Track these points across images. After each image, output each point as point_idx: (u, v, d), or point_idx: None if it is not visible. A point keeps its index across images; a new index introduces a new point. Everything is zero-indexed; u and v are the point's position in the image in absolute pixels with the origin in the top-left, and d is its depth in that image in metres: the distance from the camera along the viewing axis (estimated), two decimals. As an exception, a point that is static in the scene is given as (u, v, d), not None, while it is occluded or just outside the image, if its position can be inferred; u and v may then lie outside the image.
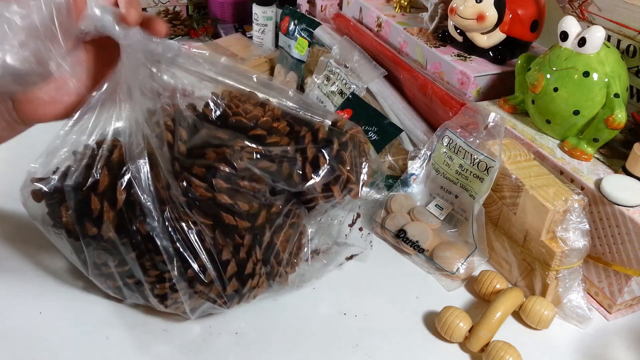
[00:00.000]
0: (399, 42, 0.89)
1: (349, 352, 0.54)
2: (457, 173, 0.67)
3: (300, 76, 0.95)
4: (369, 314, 0.58)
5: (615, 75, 0.61)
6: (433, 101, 0.76)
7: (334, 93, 0.83)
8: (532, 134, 0.69)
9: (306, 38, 0.94)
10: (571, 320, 0.59)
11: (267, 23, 1.11)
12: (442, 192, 0.70)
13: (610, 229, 0.58)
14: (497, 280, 0.60)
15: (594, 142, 0.64)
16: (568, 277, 0.58)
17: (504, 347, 0.52)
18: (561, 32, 0.64)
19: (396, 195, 0.72)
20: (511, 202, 0.61)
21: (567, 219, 0.56)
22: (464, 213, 0.68)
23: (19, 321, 0.54)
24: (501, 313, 0.55)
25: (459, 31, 0.79)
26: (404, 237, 0.66)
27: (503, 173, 0.61)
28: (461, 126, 0.68)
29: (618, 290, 0.59)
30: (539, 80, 0.65)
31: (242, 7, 1.26)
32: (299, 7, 1.12)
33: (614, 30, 0.68)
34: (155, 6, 1.24)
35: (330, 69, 0.85)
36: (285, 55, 0.99)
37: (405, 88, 0.82)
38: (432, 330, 0.57)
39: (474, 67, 0.76)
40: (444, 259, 0.63)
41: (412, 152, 0.75)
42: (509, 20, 0.75)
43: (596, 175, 0.61)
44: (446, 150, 0.68)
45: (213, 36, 1.21)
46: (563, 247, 0.56)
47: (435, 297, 0.61)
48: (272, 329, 0.55)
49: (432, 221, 0.69)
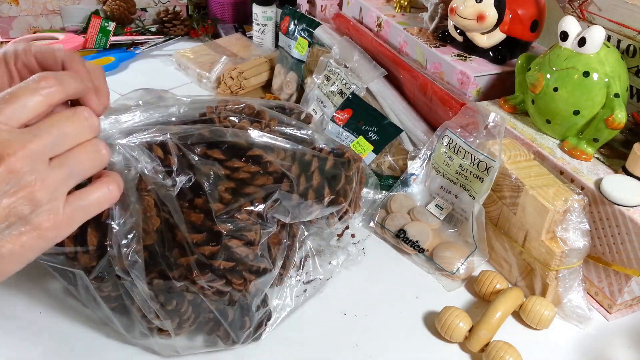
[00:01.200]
0: (399, 42, 0.89)
1: (349, 352, 0.54)
2: (457, 173, 0.67)
3: (300, 76, 0.95)
4: (369, 314, 0.58)
5: (615, 75, 0.61)
6: (433, 101, 0.76)
7: (334, 93, 0.83)
8: (532, 134, 0.69)
9: (306, 38, 0.94)
10: (571, 320, 0.59)
11: (267, 23, 1.11)
12: (442, 192, 0.70)
13: (610, 229, 0.58)
14: (497, 280, 0.60)
15: (594, 142, 0.64)
16: (568, 277, 0.58)
17: (504, 347, 0.52)
18: (561, 32, 0.64)
19: (396, 195, 0.72)
20: (511, 202, 0.61)
21: (567, 219, 0.56)
22: (464, 213, 0.67)
23: (19, 321, 0.54)
24: (501, 313, 0.55)
25: (459, 31, 0.79)
26: (404, 237, 0.66)
27: (503, 173, 0.61)
28: (461, 126, 0.68)
29: (618, 290, 0.59)
30: (539, 80, 0.65)
31: (242, 7, 1.26)
32: (299, 7, 1.12)
33: (614, 30, 0.68)
34: (155, 6, 1.24)
35: (330, 69, 0.85)
36: (285, 55, 0.99)
37: (405, 88, 0.82)
38: (432, 330, 0.57)
39: (474, 67, 0.76)
40: (444, 259, 0.63)
41: (412, 152, 0.75)
42: (509, 20, 0.75)
43: (596, 175, 0.61)
44: (446, 150, 0.68)
45: (213, 36, 1.21)
46: (563, 247, 0.56)
47: (435, 297, 0.61)
48: (272, 329, 0.55)
49: (432, 221, 0.69)
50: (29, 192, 0.31)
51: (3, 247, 0.31)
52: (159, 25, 1.22)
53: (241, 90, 0.99)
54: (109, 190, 0.36)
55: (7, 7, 1.09)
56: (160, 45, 1.18)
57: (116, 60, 1.07)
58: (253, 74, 1.01)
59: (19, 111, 0.32)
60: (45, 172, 0.32)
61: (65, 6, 1.14)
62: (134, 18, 1.21)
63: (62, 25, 1.16)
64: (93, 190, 0.35)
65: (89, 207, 0.35)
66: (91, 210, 0.35)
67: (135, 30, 1.20)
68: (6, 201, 0.30)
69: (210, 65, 1.03)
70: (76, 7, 1.15)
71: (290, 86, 0.97)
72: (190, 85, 1.04)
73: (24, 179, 0.31)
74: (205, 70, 1.02)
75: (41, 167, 0.32)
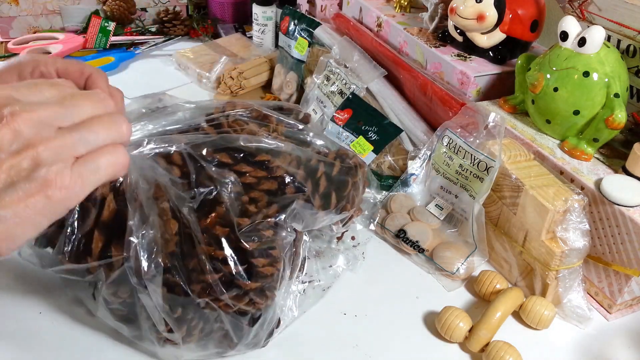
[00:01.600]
0: (399, 42, 0.89)
1: (349, 352, 0.54)
2: (457, 173, 0.67)
3: (300, 76, 0.95)
4: (369, 314, 0.58)
5: (615, 75, 0.61)
6: (433, 101, 0.76)
7: (334, 93, 0.83)
8: (532, 134, 0.69)
9: (306, 38, 0.94)
10: (571, 320, 0.59)
11: (267, 23, 1.11)
12: (442, 192, 0.70)
13: (610, 229, 0.58)
14: (497, 280, 0.60)
15: (594, 142, 0.64)
16: (568, 277, 0.58)
17: (504, 347, 0.52)
18: (561, 32, 0.64)
19: (396, 195, 0.72)
20: (511, 202, 0.61)
21: (567, 219, 0.56)
22: (464, 213, 0.67)
23: (19, 321, 0.54)
24: (501, 313, 0.55)
25: (459, 31, 0.79)
26: (404, 237, 0.66)
27: (503, 173, 0.61)
28: (461, 126, 0.68)
29: (618, 290, 0.59)
30: (539, 80, 0.65)
31: (242, 7, 1.26)
32: (299, 7, 1.12)
33: (614, 30, 0.68)
34: (155, 6, 1.24)
35: (330, 69, 0.85)
36: (285, 55, 0.99)
37: (405, 88, 0.82)
38: (432, 330, 0.57)
39: (474, 67, 0.76)
40: (444, 259, 0.63)
41: (412, 152, 0.75)
42: (509, 20, 0.75)
43: (596, 175, 0.61)
44: (446, 150, 0.68)
45: (213, 36, 1.21)
46: (563, 247, 0.56)
47: (435, 297, 0.61)
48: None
49: (432, 221, 0.69)
50: (32, 151, 0.29)
51: (7, 209, 0.29)
52: (159, 25, 1.22)
53: (241, 90, 0.99)
54: (120, 154, 0.34)
55: (7, 7, 1.09)
56: (160, 45, 1.18)
57: (116, 60, 1.07)
58: (253, 74, 1.01)
59: (34, 94, 0.31)
60: (50, 134, 0.30)
61: (65, 6, 1.14)
62: (134, 18, 1.21)
63: (62, 25, 1.16)
64: (103, 152, 0.33)
65: (99, 169, 0.32)
66: (102, 172, 0.33)
67: (135, 30, 1.20)
68: (8, 162, 0.29)
69: (210, 65, 1.03)
70: (76, 7, 1.15)
71: (290, 86, 0.97)
72: (190, 85, 1.04)
73: (28, 139, 0.30)
74: (205, 70, 1.02)
75: (47, 130, 0.30)
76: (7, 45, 1.08)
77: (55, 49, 1.05)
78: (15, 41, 1.09)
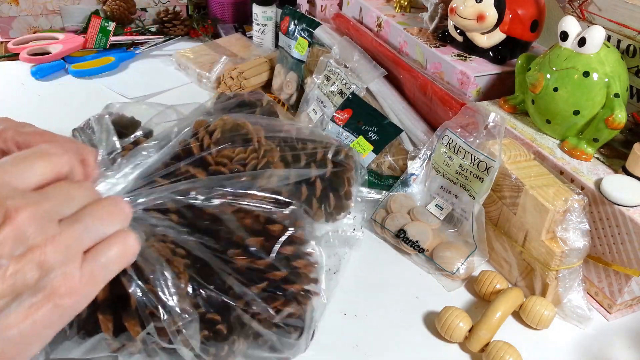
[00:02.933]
0: (399, 42, 0.89)
1: (349, 352, 0.54)
2: (457, 173, 0.67)
3: (300, 76, 0.95)
4: (369, 314, 0.58)
5: (615, 75, 0.61)
6: (433, 101, 0.76)
7: (334, 93, 0.83)
8: (532, 134, 0.69)
9: (306, 38, 0.94)
10: (571, 320, 0.59)
11: (267, 23, 1.11)
12: (442, 192, 0.70)
13: (610, 229, 0.58)
14: (497, 280, 0.60)
15: (594, 142, 0.64)
16: (568, 277, 0.58)
17: (504, 347, 0.52)
18: (561, 32, 0.64)
19: (396, 195, 0.72)
20: (511, 202, 0.61)
21: (567, 219, 0.56)
22: (464, 213, 0.67)
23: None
24: (501, 313, 0.55)
25: (459, 31, 0.79)
26: (404, 237, 0.66)
27: (503, 173, 0.61)
28: (461, 126, 0.68)
29: (618, 290, 0.59)
30: (539, 80, 0.65)
31: (242, 7, 1.26)
32: (299, 7, 1.12)
33: (614, 30, 0.68)
34: (155, 6, 1.24)
35: (330, 69, 0.85)
36: (285, 55, 0.99)
37: (405, 88, 0.82)
38: (432, 330, 0.57)
39: (474, 67, 0.76)
40: (444, 259, 0.63)
41: (412, 152, 0.75)
42: (509, 20, 0.75)
43: (596, 175, 0.61)
44: (446, 150, 0.68)
45: (213, 36, 1.21)
46: (563, 247, 0.56)
47: (435, 297, 0.61)
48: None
49: (432, 221, 0.69)
50: (38, 254, 0.25)
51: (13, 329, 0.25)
52: (159, 25, 1.22)
53: (241, 90, 0.99)
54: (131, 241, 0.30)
55: (7, 7, 1.09)
56: (160, 45, 1.18)
57: (116, 60, 1.07)
58: (253, 74, 1.01)
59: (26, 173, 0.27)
60: (55, 230, 0.26)
61: (65, 6, 1.14)
62: (134, 18, 1.21)
63: (62, 25, 1.16)
64: (111, 243, 0.29)
65: (111, 264, 0.29)
66: (113, 266, 0.29)
67: (135, 30, 1.20)
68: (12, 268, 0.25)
69: (210, 65, 1.03)
70: (76, 7, 1.15)
71: (290, 86, 0.97)
72: (190, 85, 1.04)
73: (31, 240, 0.25)
74: (205, 70, 1.02)
75: (51, 226, 0.26)
76: (7, 45, 1.08)
77: (55, 49, 1.05)
78: (15, 41, 1.09)
